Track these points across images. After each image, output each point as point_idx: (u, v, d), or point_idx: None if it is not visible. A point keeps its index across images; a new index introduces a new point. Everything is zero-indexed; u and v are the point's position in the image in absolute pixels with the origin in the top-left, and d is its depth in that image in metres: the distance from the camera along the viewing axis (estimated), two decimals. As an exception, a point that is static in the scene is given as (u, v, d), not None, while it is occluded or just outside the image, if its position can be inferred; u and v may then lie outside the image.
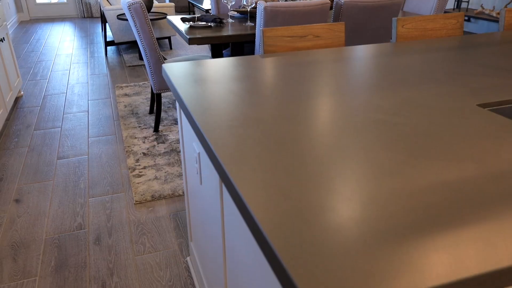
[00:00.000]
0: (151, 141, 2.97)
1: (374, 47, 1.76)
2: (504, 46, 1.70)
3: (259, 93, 1.24)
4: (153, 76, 2.96)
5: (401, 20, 1.97)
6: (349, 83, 1.32)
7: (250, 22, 3.07)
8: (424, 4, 3.43)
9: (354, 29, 2.84)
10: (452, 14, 2.04)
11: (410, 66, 1.48)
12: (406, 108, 1.10)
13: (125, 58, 5.09)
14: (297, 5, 2.60)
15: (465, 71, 1.41)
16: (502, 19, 2.03)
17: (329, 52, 1.69)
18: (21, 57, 5.16)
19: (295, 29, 1.86)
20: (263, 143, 0.92)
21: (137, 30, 2.80)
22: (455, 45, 1.75)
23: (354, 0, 2.72)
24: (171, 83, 1.38)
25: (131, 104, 3.64)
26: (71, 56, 5.19)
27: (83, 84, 4.17)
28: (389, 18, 2.87)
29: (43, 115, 3.43)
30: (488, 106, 1.12)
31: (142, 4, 2.72)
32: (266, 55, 1.67)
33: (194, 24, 2.94)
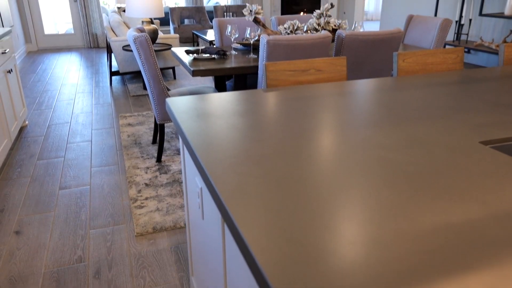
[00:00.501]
0: (154, 172, 2.96)
1: (375, 81, 1.78)
2: (504, 82, 1.72)
3: (261, 128, 1.24)
4: (156, 107, 2.99)
5: (401, 55, 2.00)
6: (351, 118, 1.32)
7: (253, 54, 3.12)
8: (424, 37, 3.49)
9: (355, 61, 2.88)
10: (452, 49, 2.07)
11: (411, 102, 1.49)
12: (408, 145, 1.10)
13: (130, 87, 5.15)
14: (299, 39, 2.65)
15: (466, 107, 1.42)
16: (501, 54, 2.06)
17: (331, 86, 1.71)
18: (27, 86, 5.23)
19: (298, 63, 1.89)
20: (265, 181, 0.92)
21: (142, 62, 2.85)
22: (456, 80, 1.76)
23: (355, 34, 2.77)
24: (174, 118, 1.39)
25: (134, 134, 3.66)
26: (77, 86, 5.27)
27: (87, 114, 4.21)
28: (390, 51, 2.92)
29: (46, 144, 3.45)
30: (490, 143, 1.12)
31: (147, 37, 2.77)
32: (268, 89, 1.69)
33: (198, 56, 2.99)
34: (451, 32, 5.31)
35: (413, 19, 3.64)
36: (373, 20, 12.03)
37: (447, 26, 3.32)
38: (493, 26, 4.76)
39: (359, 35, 2.77)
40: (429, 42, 3.43)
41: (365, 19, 12.05)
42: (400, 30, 2.87)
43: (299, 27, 3.18)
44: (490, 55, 4.84)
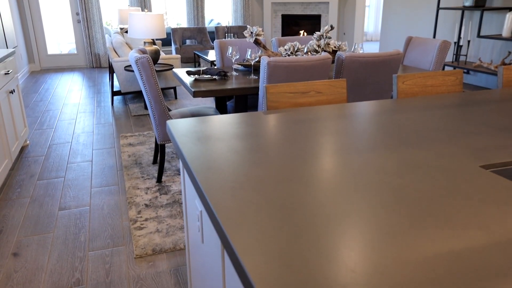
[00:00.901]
0: (154, 192, 2.95)
1: (375, 103, 1.78)
2: (504, 104, 1.72)
3: (261, 152, 1.24)
4: (157, 127, 3.00)
5: (401, 77, 2.01)
6: (351, 141, 1.32)
7: (253, 75, 3.15)
8: (424, 58, 3.52)
9: (356, 82, 2.90)
10: (451, 71, 2.08)
11: (411, 124, 1.49)
12: (409, 169, 1.10)
13: (131, 107, 5.18)
14: (299, 60, 2.68)
15: (466, 130, 1.42)
16: (500, 76, 2.07)
17: (331, 108, 1.72)
18: (29, 106, 5.26)
19: (298, 86, 1.90)
20: (265, 207, 0.91)
21: (143, 83, 2.87)
22: (456, 103, 1.77)
23: (355, 56, 2.79)
24: (174, 140, 1.39)
25: (135, 154, 3.66)
26: (78, 106, 5.30)
27: (89, 134, 4.22)
28: (389, 72, 2.94)
29: (47, 164, 3.44)
30: (491, 167, 1.12)
31: (149, 59, 2.80)
32: (269, 111, 1.70)
33: (199, 77, 3.02)
34: (450, 53, 5.36)
35: (412, 40, 3.68)
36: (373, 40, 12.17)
37: (446, 48, 3.35)
38: (491, 47, 4.81)
39: (359, 57, 2.80)
40: (429, 63, 3.45)
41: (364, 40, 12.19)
42: (399, 52, 2.89)
43: (300, 49, 3.21)
44: (489, 76, 4.88)
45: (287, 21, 8.64)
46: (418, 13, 6.01)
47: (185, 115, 3.15)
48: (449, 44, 3.35)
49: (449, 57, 5.35)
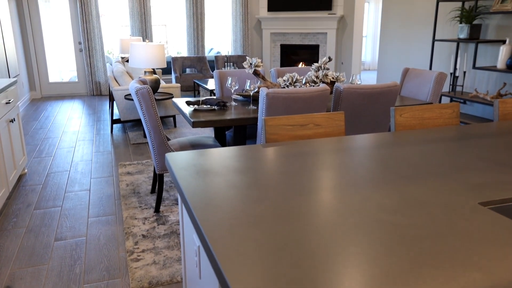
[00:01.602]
0: (151, 222, 2.93)
1: (373, 136, 1.80)
2: (501, 139, 1.74)
3: (260, 187, 1.24)
4: (156, 157, 3.00)
5: (398, 110, 2.04)
6: (349, 177, 1.32)
7: (253, 105, 3.18)
8: (421, 90, 3.57)
9: (353, 113, 2.92)
10: (448, 104, 2.11)
11: (409, 159, 1.50)
12: (407, 206, 1.10)
13: (130, 135, 5.20)
14: (298, 92, 2.71)
15: (464, 165, 1.43)
16: (496, 109, 2.09)
17: (329, 142, 1.73)
18: (29, 134, 5.28)
19: (296, 118, 1.92)
20: (264, 245, 0.91)
21: (143, 113, 2.89)
22: (453, 136, 1.78)
23: (353, 87, 2.83)
24: (173, 174, 1.39)
25: (133, 183, 3.65)
26: (78, 133, 5.31)
27: (87, 162, 4.22)
28: (387, 103, 2.97)
29: (44, 193, 3.42)
30: (490, 204, 1.11)
31: (149, 90, 2.83)
32: (267, 144, 1.70)
33: (198, 107, 3.04)
34: (447, 83, 5.43)
35: (409, 72, 3.74)
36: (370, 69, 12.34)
37: (442, 80, 3.40)
38: (487, 78, 4.88)
39: (357, 88, 2.84)
40: (426, 95, 3.50)
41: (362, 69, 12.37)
42: (396, 84, 2.93)
43: (298, 80, 3.25)
44: (485, 106, 4.93)
45: (286, 50, 8.79)
46: (414, 44, 6.12)
47: (184, 145, 3.16)
48: (445, 76, 3.40)
49: (446, 87, 5.42)
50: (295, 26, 8.40)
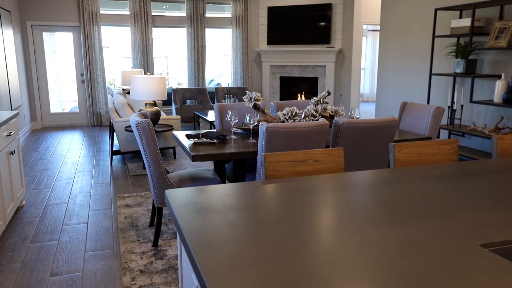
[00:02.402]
0: (149, 257, 2.89)
1: (372, 173, 1.80)
2: (500, 176, 1.74)
3: (259, 226, 1.23)
4: (155, 190, 2.99)
5: (397, 146, 2.05)
6: (349, 216, 1.32)
7: (252, 139, 3.19)
8: (419, 123, 3.60)
9: (353, 147, 2.94)
10: (447, 140, 2.12)
11: (409, 197, 1.49)
12: (408, 247, 1.09)
13: (130, 167, 5.19)
14: (297, 126, 2.73)
15: (464, 204, 1.42)
16: (494, 146, 2.11)
17: (329, 178, 1.73)
18: (28, 165, 5.28)
19: (296, 154, 1.93)
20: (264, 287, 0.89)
21: (143, 146, 2.91)
22: (453, 173, 1.79)
23: (351, 122, 2.86)
24: (172, 212, 1.38)
25: (132, 216, 3.62)
26: (77, 165, 5.31)
27: (86, 194, 4.20)
28: (386, 138, 2.99)
29: (41, 226, 3.39)
30: (491, 246, 1.11)
31: (150, 123, 2.86)
32: (267, 181, 1.70)
33: (198, 141, 3.06)
34: (445, 116, 5.48)
35: (407, 106, 3.78)
36: (369, 101, 12.48)
37: (440, 114, 3.44)
38: (484, 111, 4.93)
39: (356, 123, 2.86)
40: (424, 129, 3.52)
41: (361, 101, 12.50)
42: (395, 118, 2.96)
43: (297, 113, 3.29)
44: (484, 139, 4.95)
45: (285, 82, 8.92)
46: (411, 77, 6.22)
47: (183, 178, 3.16)
48: (443, 111, 3.44)
49: (444, 120, 5.46)
50: (294, 59, 8.56)
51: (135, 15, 8.00)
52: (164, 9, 8.55)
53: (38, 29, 7.72)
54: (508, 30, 4.32)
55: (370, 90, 12.55)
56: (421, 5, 5.93)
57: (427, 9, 5.81)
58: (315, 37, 8.28)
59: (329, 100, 8.50)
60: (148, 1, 8.03)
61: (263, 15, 8.77)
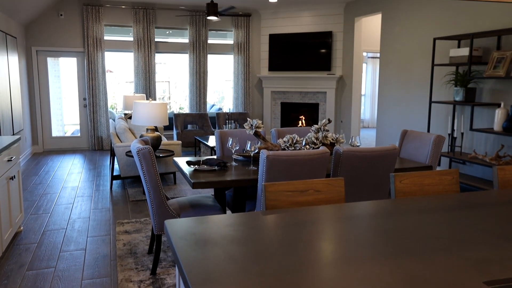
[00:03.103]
0: (147, 286, 2.84)
1: (374, 204, 1.79)
2: (501, 209, 1.73)
3: (259, 260, 1.22)
4: (154, 217, 2.97)
5: (398, 176, 2.04)
6: (350, 250, 1.30)
7: (253, 166, 3.19)
8: (420, 152, 3.60)
9: (354, 176, 2.93)
10: (448, 170, 2.12)
11: (411, 231, 1.48)
12: (410, 284, 1.07)
13: (130, 192, 5.17)
14: (298, 154, 2.73)
15: (466, 238, 1.41)
16: (495, 177, 2.10)
17: (330, 210, 1.72)
18: (27, 189, 5.26)
19: (296, 184, 1.92)
20: (263, 329, 0.87)
21: (143, 173, 2.90)
22: (454, 206, 1.78)
23: (352, 150, 2.86)
24: (172, 244, 1.37)
25: (131, 243, 3.58)
26: (77, 189, 5.29)
27: (85, 219, 4.17)
28: (387, 166, 2.98)
29: (39, 253, 3.35)
30: (495, 283, 1.09)
31: (151, 150, 2.86)
32: (267, 212, 1.69)
33: (198, 168, 3.06)
34: (445, 143, 5.49)
35: (408, 134, 3.80)
36: (370, 127, 12.53)
37: (440, 142, 3.44)
38: (485, 139, 4.94)
39: (356, 151, 2.86)
40: (425, 157, 3.52)
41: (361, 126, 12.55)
42: (395, 147, 2.97)
43: (298, 141, 3.30)
44: (485, 167, 4.94)
45: (286, 108, 8.97)
46: (411, 104, 6.27)
47: (183, 206, 3.14)
48: (443, 139, 3.45)
49: (445, 147, 5.47)
50: (295, 85, 8.65)
51: (138, 41, 8.13)
52: (167, 34, 8.70)
53: (43, 54, 7.84)
54: (506, 60, 4.37)
55: (371, 116, 12.62)
56: (420, 34, 6.03)
57: (426, 38, 5.91)
58: (316, 63, 8.39)
59: (330, 126, 8.54)
60: (152, 27, 8.17)
61: (264, 42, 8.92)
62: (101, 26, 7.85)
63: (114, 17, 8.05)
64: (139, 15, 8.05)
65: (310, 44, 8.40)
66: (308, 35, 8.40)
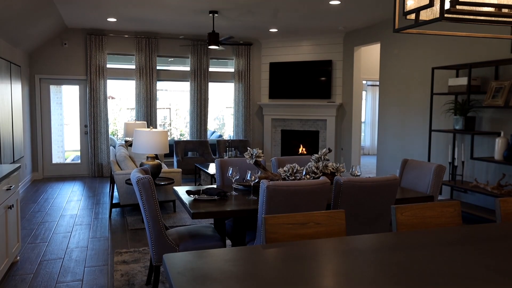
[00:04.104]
0: (144, 319, 2.77)
1: (375, 238, 1.77)
2: (504, 244, 1.70)
3: (259, 299, 1.19)
4: (153, 247, 2.93)
5: (399, 208, 2.03)
6: (350, 286, 1.28)
7: (253, 195, 3.17)
8: (421, 181, 3.59)
9: (354, 206, 2.91)
10: (449, 202, 2.10)
11: (413, 267, 1.45)
12: (414, 325, 1.04)
13: (129, 220, 5.12)
14: (298, 184, 2.72)
15: (470, 275, 1.38)
16: (498, 209, 2.08)
17: (330, 243, 1.70)
18: (26, 217, 5.21)
19: (296, 217, 1.90)
20: None
21: (143, 203, 2.88)
22: (457, 240, 1.75)
23: (352, 180, 2.85)
24: (170, 280, 1.34)
25: (128, 273, 3.52)
26: (75, 217, 5.25)
27: (82, 249, 4.11)
28: (388, 196, 2.96)
29: (34, 284, 3.29)
30: (501, 325, 1.06)
31: (151, 180, 2.85)
32: (267, 246, 1.67)
33: (198, 197, 3.04)
34: (446, 172, 5.48)
35: (408, 163, 3.79)
36: (370, 154, 12.52)
37: (441, 172, 3.43)
38: (486, 167, 4.93)
39: (357, 182, 2.85)
40: (426, 186, 3.50)
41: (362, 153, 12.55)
42: (396, 177, 2.96)
43: (298, 170, 3.29)
44: (487, 196, 4.91)
45: (287, 135, 9.00)
46: (411, 133, 6.29)
47: (182, 236, 3.10)
48: (444, 169, 3.44)
49: (446, 176, 5.45)
50: (295, 112, 8.70)
51: (140, 69, 8.24)
52: (169, 62, 8.82)
53: (46, 82, 7.93)
54: (504, 90, 4.41)
55: (371, 143, 12.64)
56: (418, 63, 6.11)
57: (424, 67, 5.98)
58: (316, 91, 8.47)
59: (331, 153, 8.54)
60: (154, 56, 8.30)
61: (265, 70, 9.03)
62: (104, 54, 7.97)
63: (117, 45, 8.19)
64: (141, 44, 8.19)
65: (310, 72, 8.50)
66: (308, 64, 8.51)
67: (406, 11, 1.43)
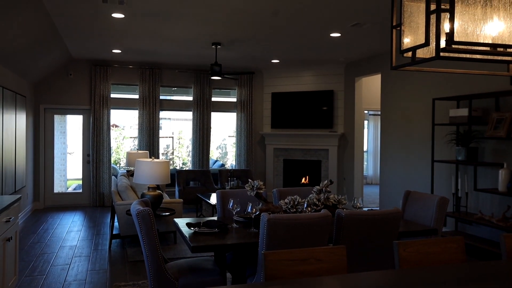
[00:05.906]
0: None
1: (376, 276, 1.73)
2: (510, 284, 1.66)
3: None
4: (152, 282, 2.87)
5: (402, 244, 1.99)
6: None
7: (254, 228, 3.13)
8: (424, 213, 3.54)
9: (356, 239, 2.86)
10: (453, 238, 2.07)
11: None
12: None
13: (129, 252, 5.06)
14: (299, 217, 2.69)
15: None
16: (503, 246, 2.04)
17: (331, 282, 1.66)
18: (24, 249, 5.15)
19: (297, 253, 1.87)
20: None
21: (142, 236, 2.85)
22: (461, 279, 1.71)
23: (354, 214, 2.82)
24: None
25: (126, 308, 3.44)
26: (75, 249, 5.18)
27: (81, 282, 4.04)
28: (390, 229, 2.92)
29: (30, 319, 3.21)
30: None
31: (151, 212, 2.82)
32: (267, 283, 1.64)
33: (199, 230, 3.00)
34: (450, 203, 5.41)
35: (411, 195, 3.75)
36: (373, 184, 12.44)
37: (444, 205, 3.39)
38: (490, 199, 4.88)
39: (359, 215, 2.82)
40: (429, 219, 3.46)
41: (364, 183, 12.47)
42: (398, 210, 2.92)
43: (300, 203, 3.26)
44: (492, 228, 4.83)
45: (289, 165, 8.98)
46: (414, 163, 6.26)
47: (182, 269, 3.05)
48: (447, 201, 3.40)
49: (450, 207, 5.38)
50: (297, 142, 8.72)
51: (144, 99, 8.33)
52: (173, 91, 8.92)
53: (50, 111, 8.01)
54: (505, 121, 4.42)
55: (374, 172, 12.58)
56: (419, 94, 6.15)
57: (425, 98, 6.02)
58: (317, 121, 8.51)
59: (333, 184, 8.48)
60: (157, 86, 8.40)
61: (267, 100, 9.11)
62: (108, 84, 8.08)
63: (121, 76, 8.31)
64: (145, 74, 8.31)
65: (311, 102, 8.57)
66: (309, 94, 8.59)
67: (403, 49, 1.45)
